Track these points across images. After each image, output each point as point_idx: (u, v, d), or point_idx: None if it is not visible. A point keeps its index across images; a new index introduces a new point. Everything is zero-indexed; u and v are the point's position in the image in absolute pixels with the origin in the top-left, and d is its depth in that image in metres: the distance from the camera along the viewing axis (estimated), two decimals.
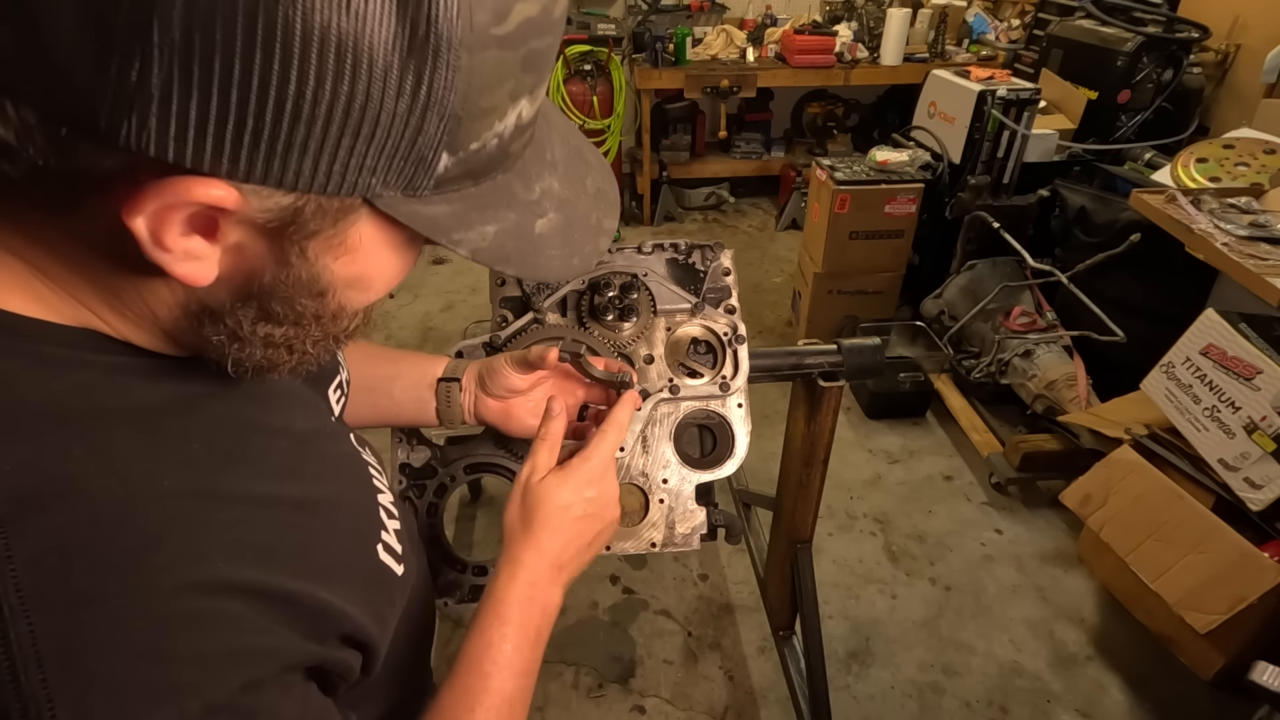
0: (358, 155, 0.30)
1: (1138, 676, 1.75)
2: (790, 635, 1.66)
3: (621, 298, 1.00)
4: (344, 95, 0.27)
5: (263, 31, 0.25)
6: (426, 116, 0.30)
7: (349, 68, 0.27)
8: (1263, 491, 1.50)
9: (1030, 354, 2.27)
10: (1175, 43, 2.57)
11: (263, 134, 0.27)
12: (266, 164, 0.28)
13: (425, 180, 0.33)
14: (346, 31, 0.26)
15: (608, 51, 3.72)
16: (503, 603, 0.56)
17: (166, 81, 0.25)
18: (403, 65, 0.28)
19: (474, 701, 0.50)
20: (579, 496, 0.62)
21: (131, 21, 0.24)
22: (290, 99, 0.26)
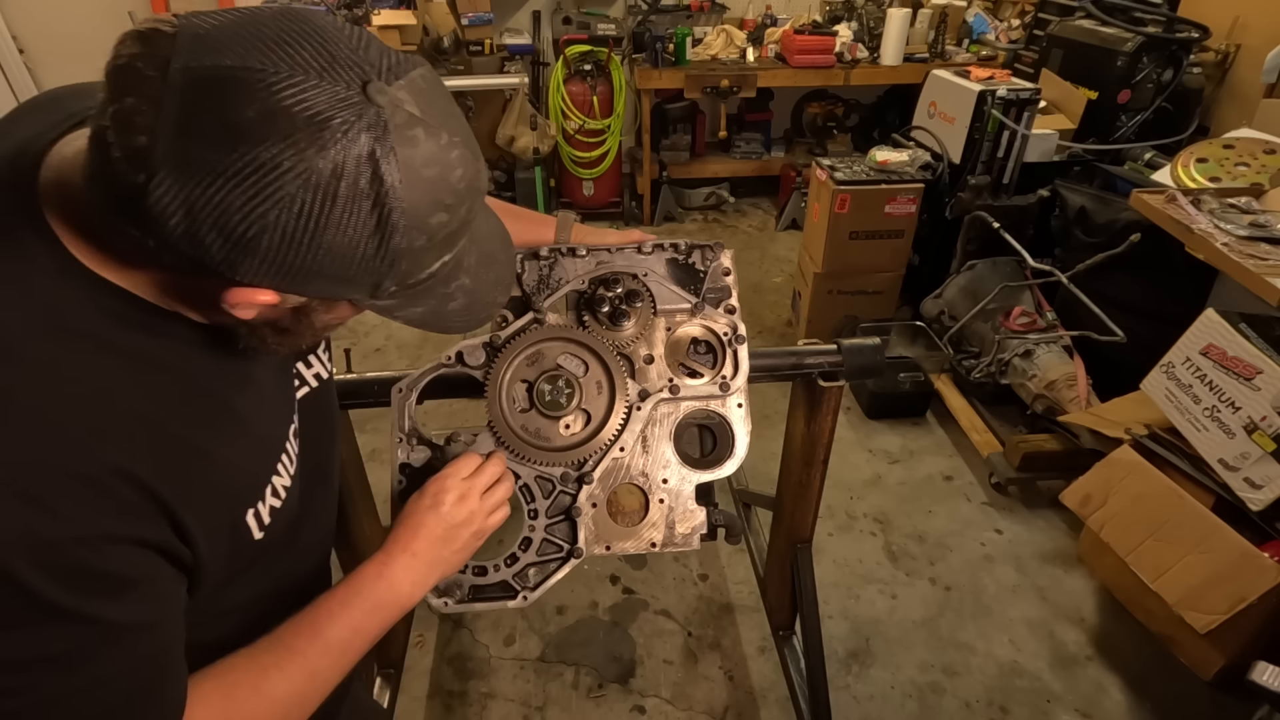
0: (343, 288, 0.52)
1: (1138, 676, 1.75)
2: (790, 635, 1.66)
3: (621, 298, 1.00)
4: (338, 268, 0.49)
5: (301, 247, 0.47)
6: (384, 273, 0.51)
7: (345, 259, 0.49)
8: (1263, 491, 1.50)
9: (1030, 354, 2.27)
10: (1175, 43, 2.57)
11: (293, 278, 0.49)
12: (295, 288, 0.50)
13: (381, 293, 0.54)
14: (347, 241, 0.47)
15: (608, 51, 3.72)
16: (359, 573, 0.72)
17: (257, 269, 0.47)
18: (374, 260, 0.50)
19: (303, 633, 0.66)
20: (428, 493, 0.79)
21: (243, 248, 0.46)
22: (315, 268, 0.48)
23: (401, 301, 0.57)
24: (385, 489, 0.98)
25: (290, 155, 0.43)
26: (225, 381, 0.59)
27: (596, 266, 1.03)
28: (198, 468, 0.55)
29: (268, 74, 0.43)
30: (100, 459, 0.48)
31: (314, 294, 0.52)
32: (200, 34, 0.44)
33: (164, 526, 0.52)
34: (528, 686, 1.73)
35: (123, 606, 0.50)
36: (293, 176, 0.44)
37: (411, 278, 0.54)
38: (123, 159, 0.43)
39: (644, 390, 0.99)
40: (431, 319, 0.60)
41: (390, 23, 3.33)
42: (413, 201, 0.48)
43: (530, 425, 0.96)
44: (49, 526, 0.45)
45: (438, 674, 1.75)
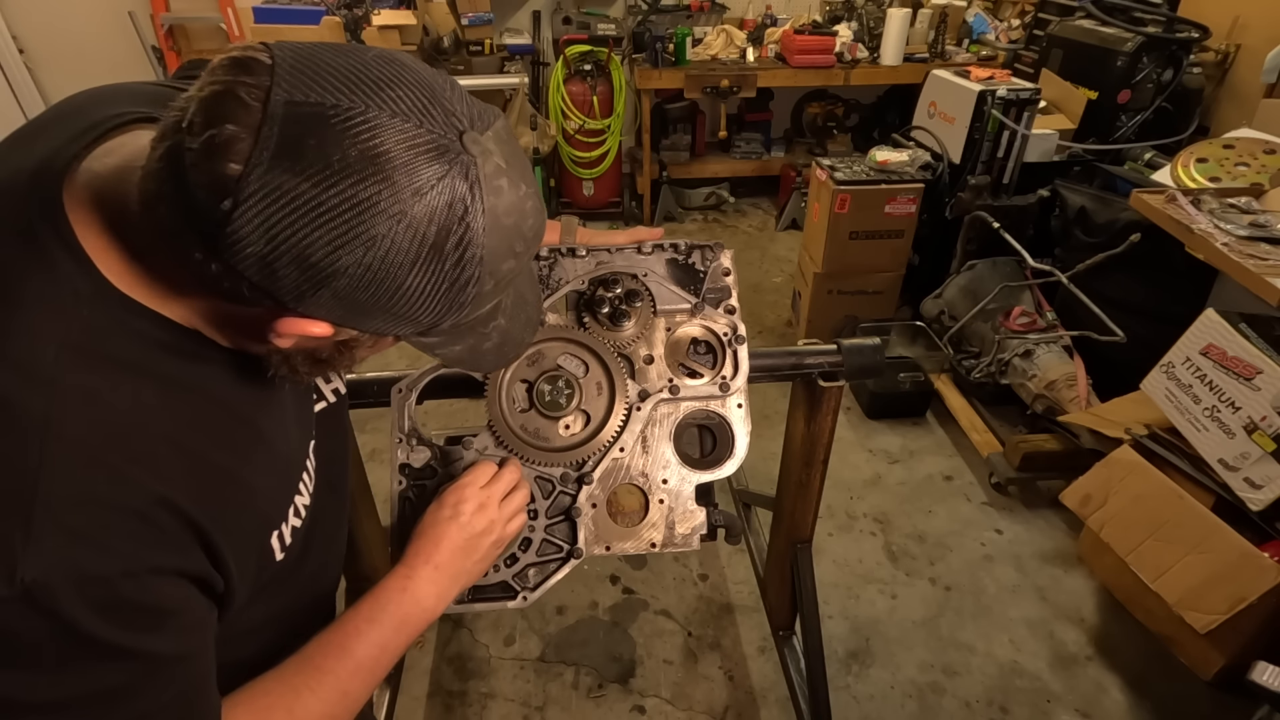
0: (402, 325, 0.52)
1: (1138, 676, 1.75)
2: (790, 635, 1.66)
3: (621, 298, 1.00)
4: (406, 308, 0.49)
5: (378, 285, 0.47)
6: (447, 315, 0.52)
7: (416, 300, 0.49)
8: (1263, 491, 1.50)
9: (1030, 354, 2.27)
10: (1175, 43, 2.57)
11: (358, 314, 0.49)
12: (354, 323, 0.51)
13: (432, 333, 0.55)
14: (424, 284, 0.48)
15: (608, 51, 3.72)
16: (383, 588, 0.71)
17: (324, 303, 0.47)
18: (444, 302, 0.50)
19: (331, 652, 0.65)
20: (447, 504, 0.78)
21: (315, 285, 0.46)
22: (383, 307, 0.49)
23: (445, 340, 0.57)
24: (385, 489, 0.98)
25: (388, 196, 0.44)
26: (253, 404, 0.59)
27: (596, 267, 1.03)
28: (230, 494, 0.55)
29: (370, 115, 0.44)
30: (142, 489, 0.48)
31: (370, 330, 0.52)
32: (302, 68, 0.44)
33: (201, 556, 0.52)
34: (528, 686, 1.73)
35: (164, 638, 0.50)
36: (386, 217, 0.44)
37: (467, 318, 0.54)
38: (208, 183, 0.42)
39: (644, 390, 0.99)
40: (467, 357, 0.61)
41: (390, 23, 3.33)
42: (491, 248, 0.49)
43: (530, 425, 0.96)
44: (95, 561, 0.45)
45: (438, 674, 1.75)
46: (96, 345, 0.49)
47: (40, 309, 0.47)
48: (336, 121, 0.43)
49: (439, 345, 0.58)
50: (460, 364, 0.61)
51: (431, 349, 0.58)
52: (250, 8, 3.46)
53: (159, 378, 0.51)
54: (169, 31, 3.69)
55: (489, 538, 0.79)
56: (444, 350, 0.59)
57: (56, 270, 0.48)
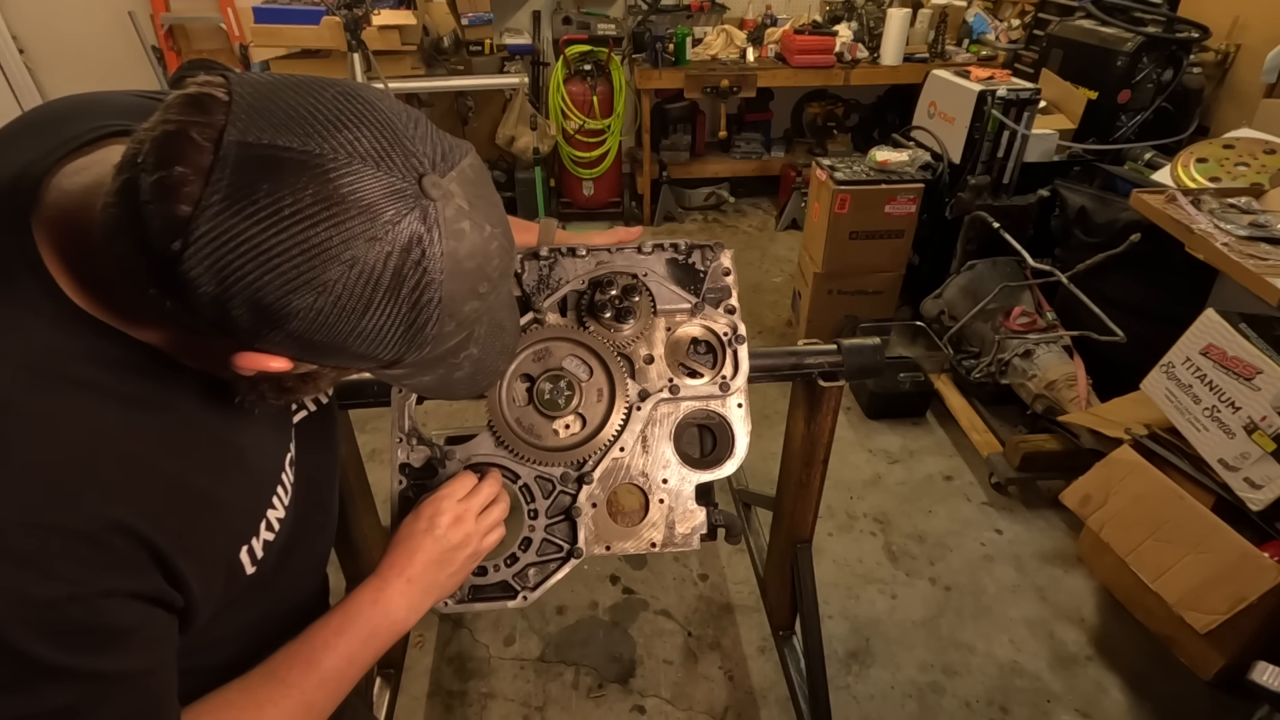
0: (362, 362, 0.52)
1: (1138, 676, 1.75)
2: (790, 635, 1.66)
3: (621, 298, 1.00)
4: (363, 348, 0.49)
5: (332, 328, 0.46)
6: (407, 353, 0.51)
7: (373, 340, 0.48)
8: (1263, 491, 1.50)
9: (1030, 354, 2.27)
10: (1175, 43, 2.57)
11: (314, 352, 0.49)
12: (313, 359, 0.50)
13: (396, 367, 0.53)
14: (379, 326, 0.47)
15: (608, 51, 3.72)
16: (354, 599, 0.71)
17: (280, 342, 0.47)
18: (401, 342, 0.49)
19: (297, 664, 0.65)
20: (423, 516, 0.78)
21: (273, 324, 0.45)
22: (340, 347, 0.48)
23: (412, 372, 0.57)
24: (385, 489, 0.98)
25: (340, 242, 0.43)
26: (225, 420, 0.58)
27: (596, 266, 1.03)
28: (197, 511, 0.55)
29: (325, 159, 0.43)
30: (96, 514, 0.47)
31: (329, 365, 0.52)
32: (258, 107, 0.43)
33: (157, 577, 0.51)
34: (528, 686, 1.73)
35: (115, 658, 0.49)
36: (339, 264, 0.44)
37: (431, 355, 0.54)
38: (159, 223, 0.42)
39: (644, 390, 0.99)
40: (437, 386, 0.61)
41: (390, 23, 3.32)
42: (450, 292, 0.48)
43: (525, 420, 0.96)
44: (42, 587, 0.45)
45: (438, 674, 1.75)
46: (55, 366, 0.48)
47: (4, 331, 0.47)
48: (290, 165, 0.42)
49: (405, 378, 0.58)
50: (430, 394, 0.60)
51: (398, 380, 0.58)
52: (250, 8, 3.45)
53: (123, 398, 0.50)
54: (169, 31, 3.69)
55: (464, 551, 0.78)
56: (411, 381, 0.59)
57: (18, 289, 0.48)
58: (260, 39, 3.23)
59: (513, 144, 3.71)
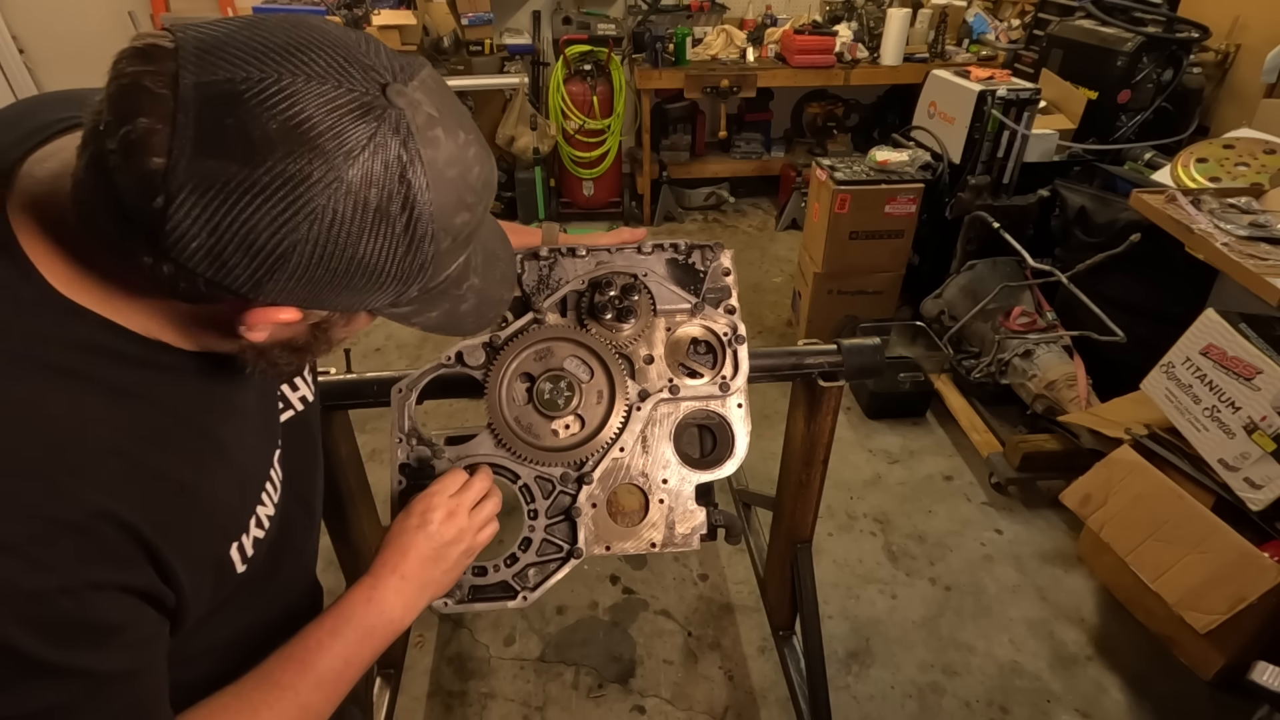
0: (369, 298, 0.51)
1: (1138, 676, 1.75)
2: (790, 635, 1.66)
3: (621, 298, 1.00)
4: (368, 278, 0.48)
5: (332, 259, 0.46)
6: (412, 279, 0.51)
7: (376, 268, 0.48)
8: (1263, 491, 1.50)
9: (1030, 354, 2.27)
10: (1175, 43, 2.57)
11: (320, 292, 0.48)
12: (320, 303, 0.50)
13: (403, 300, 0.54)
14: (378, 250, 0.47)
15: (608, 51, 3.72)
16: (347, 599, 0.70)
17: (284, 287, 0.46)
18: (404, 266, 0.49)
19: (291, 666, 0.64)
20: (415, 513, 0.77)
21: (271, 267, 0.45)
22: (344, 281, 0.48)
23: (419, 307, 0.56)
24: (385, 489, 0.98)
25: (319, 165, 0.42)
26: (211, 412, 0.57)
27: (596, 267, 1.03)
28: (184, 506, 0.53)
29: (285, 84, 0.42)
30: (82, 502, 0.46)
31: (338, 307, 0.51)
32: (206, 47, 0.42)
33: (148, 570, 0.50)
34: (528, 686, 1.73)
35: (108, 655, 0.48)
36: (323, 187, 0.43)
37: (433, 281, 0.53)
38: (136, 183, 0.41)
39: (644, 390, 0.99)
40: (446, 322, 0.60)
41: (390, 23, 3.33)
42: (439, 204, 0.48)
43: (524, 419, 0.96)
44: (30, 578, 0.44)
45: (437, 674, 1.75)
46: (37, 353, 0.47)
47: None
48: (250, 95, 0.41)
49: (414, 314, 0.57)
50: (441, 330, 0.60)
51: (407, 319, 0.58)
52: (250, 8, 3.46)
53: (108, 387, 0.49)
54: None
55: (458, 547, 0.77)
56: (420, 319, 0.58)
57: (7, 273, 0.47)
58: None
59: (513, 144, 3.71)
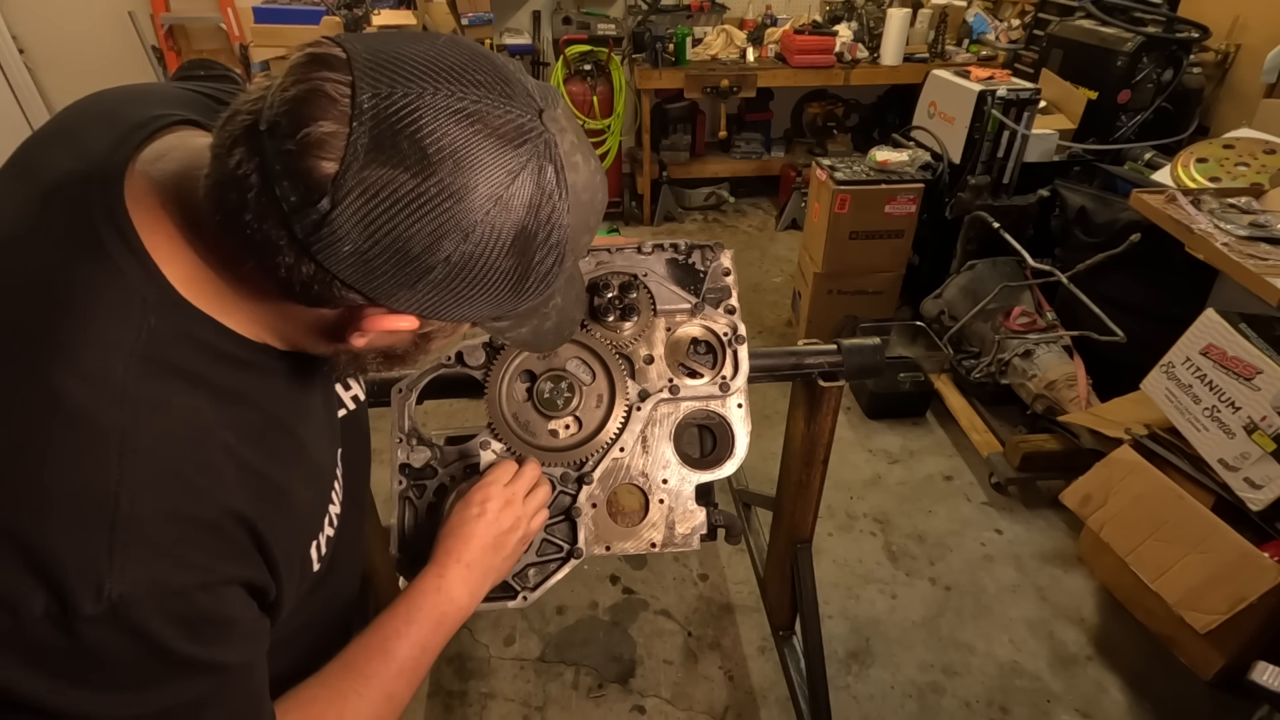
0: (486, 311, 0.51)
1: (1138, 676, 1.75)
2: (790, 635, 1.66)
3: (621, 298, 1.00)
4: (496, 294, 0.49)
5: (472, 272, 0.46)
6: (531, 296, 0.51)
7: (507, 285, 0.49)
8: (1263, 491, 1.50)
9: (1030, 354, 2.27)
10: (1175, 43, 2.57)
11: (446, 303, 0.48)
12: (439, 313, 0.49)
13: (507, 315, 0.55)
14: (515, 267, 0.48)
15: (608, 51, 3.72)
16: (417, 589, 0.72)
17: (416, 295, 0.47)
18: (531, 283, 0.50)
19: (373, 655, 0.66)
20: (474, 503, 0.80)
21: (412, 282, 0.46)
22: (474, 295, 0.48)
23: (516, 322, 0.57)
24: (385, 489, 0.98)
25: (482, 183, 0.44)
26: (294, 412, 0.59)
27: (596, 267, 1.04)
28: (282, 503, 0.55)
29: (456, 102, 0.43)
30: (213, 501, 0.48)
31: (454, 318, 0.51)
32: (379, 60, 0.43)
33: (263, 566, 0.52)
34: (528, 686, 1.73)
35: (232, 649, 0.50)
36: (482, 202, 0.44)
37: (541, 297, 0.54)
38: (303, 184, 0.42)
39: (644, 390, 0.99)
40: (531, 338, 0.62)
41: (390, 23, 3.33)
42: (574, 226, 0.49)
43: (522, 416, 0.96)
44: (175, 575, 0.46)
45: (438, 674, 1.75)
46: (163, 354, 0.48)
47: (110, 319, 0.47)
48: (427, 112, 0.42)
49: (510, 329, 0.58)
50: (524, 345, 0.62)
51: (502, 332, 0.59)
52: (250, 8, 3.45)
53: (214, 388, 0.51)
54: (169, 31, 3.69)
55: (516, 534, 0.80)
56: (513, 333, 0.60)
57: (124, 278, 0.48)
58: (260, 39, 3.23)
59: None
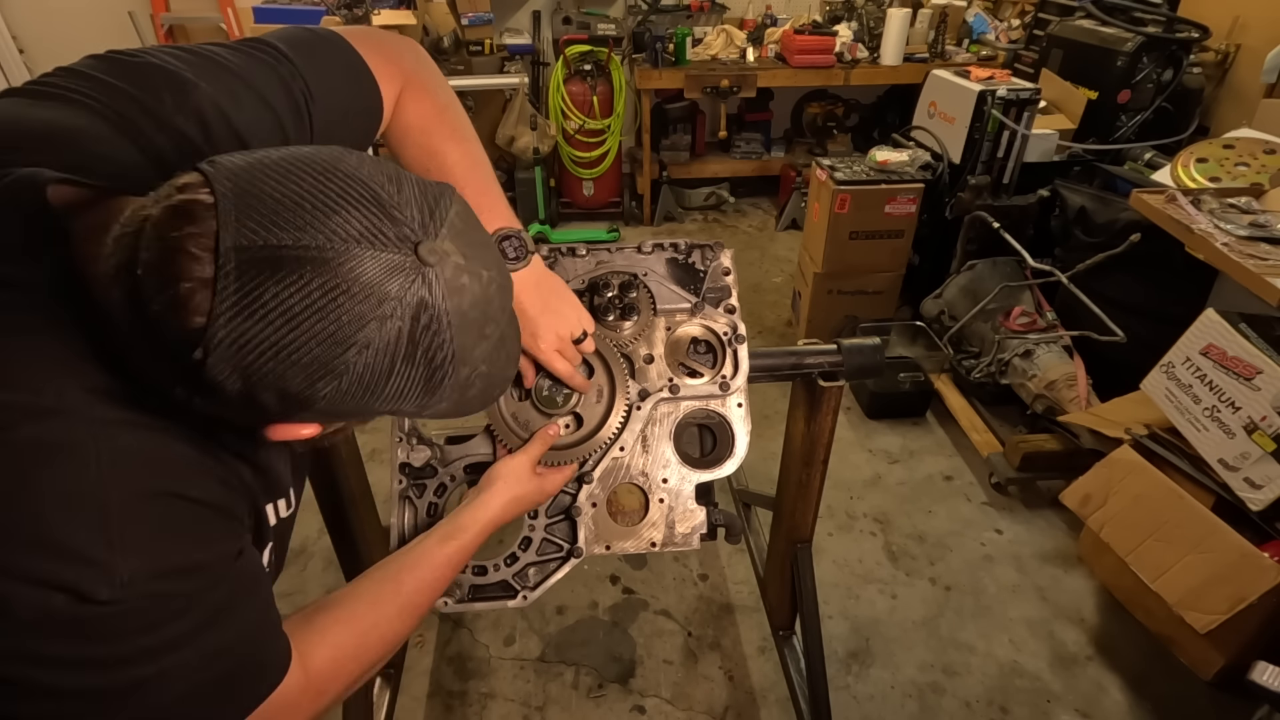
0: (384, 413, 0.53)
1: (1138, 676, 1.75)
2: (790, 635, 1.66)
3: (621, 297, 1.00)
4: (388, 406, 0.52)
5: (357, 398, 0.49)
6: (428, 403, 0.53)
7: (397, 399, 0.51)
8: (1263, 491, 1.50)
9: (1030, 354, 2.27)
10: (1175, 43, 2.57)
11: (342, 415, 0.52)
12: (339, 420, 0.55)
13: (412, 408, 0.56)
14: (402, 388, 0.50)
15: (608, 51, 3.72)
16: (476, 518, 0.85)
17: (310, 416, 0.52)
18: (424, 395, 0.52)
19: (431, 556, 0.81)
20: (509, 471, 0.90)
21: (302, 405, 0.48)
22: (366, 410, 0.51)
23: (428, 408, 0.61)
24: (385, 489, 0.98)
25: (353, 328, 0.45)
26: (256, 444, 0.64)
27: (596, 266, 1.04)
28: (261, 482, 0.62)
29: (323, 250, 0.44)
30: (195, 476, 0.55)
31: (357, 423, 0.57)
32: (244, 204, 0.44)
33: (246, 530, 0.61)
34: (528, 686, 1.73)
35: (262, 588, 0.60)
36: (356, 349, 0.46)
37: (444, 392, 0.57)
38: (175, 336, 0.44)
39: (644, 390, 0.99)
40: (455, 410, 0.63)
41: (390, 23, 3.33)
42: (461, 343, 0.51)
43: (521, 416, 0.96)
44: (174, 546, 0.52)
45: (437, 674, 1.75)
46: (115, 388, 0.51)
47: (61, 366, 0.49)
48: (290, 263, 0.43)
49: (421, 411, 0.62)
50: (448, 416, 0.64)
51: (417, 415, 0.66)
52: (250, 7, 3.46)
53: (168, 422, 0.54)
54: (169, 31, 3.69)
55: None
56: (430, 412, 0.62)
57: (75, 338, 0.50)
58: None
59: (513, 144, 3.71)
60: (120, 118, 0.58)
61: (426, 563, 0.80)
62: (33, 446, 0.46)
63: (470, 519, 0.85)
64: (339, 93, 0.72)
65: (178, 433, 0.53)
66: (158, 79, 0.61)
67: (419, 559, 0.80)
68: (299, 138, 0.68)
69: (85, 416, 0.48)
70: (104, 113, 0.57)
